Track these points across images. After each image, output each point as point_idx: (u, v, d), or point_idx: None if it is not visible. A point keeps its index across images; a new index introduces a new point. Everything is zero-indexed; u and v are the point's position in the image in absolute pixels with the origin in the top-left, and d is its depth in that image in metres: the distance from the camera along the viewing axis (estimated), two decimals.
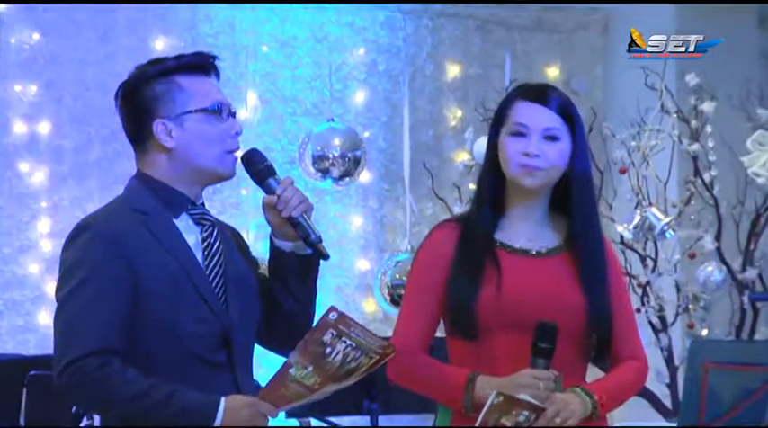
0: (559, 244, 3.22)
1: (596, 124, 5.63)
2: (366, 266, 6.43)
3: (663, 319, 5.62)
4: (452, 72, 6.64)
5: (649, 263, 5.64)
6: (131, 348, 2.80)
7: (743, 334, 5.64)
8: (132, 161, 2.99)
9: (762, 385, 2.91)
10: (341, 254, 6.29)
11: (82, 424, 4.53)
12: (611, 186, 5.71)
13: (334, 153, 5.87)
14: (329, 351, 2.72)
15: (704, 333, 5.60)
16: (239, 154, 2.98)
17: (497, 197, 3.21)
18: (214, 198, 5.95)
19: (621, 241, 5.58)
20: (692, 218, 5.64)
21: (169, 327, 2.83)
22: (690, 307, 5.63)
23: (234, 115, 2.99)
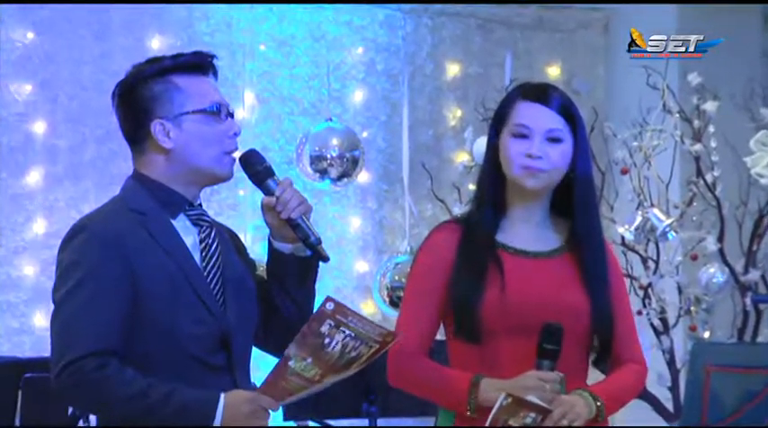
0: (560, 245, 3.22)
1: (598, 124, 5.62)
2: (365, 268, 6.41)
3: (664, 321, 5.61)
4: (452, 71, 6.63)
5: (651, 264, 5.62)
6: (129, 349, 2.79)
7: (745, 337, 5.64)
8: (128, 161, 2.99)
9: (764, 388, 2.91)
10: (339, 256, 6.27)
11: (78, 426, 4.52)
12: (612, 187, 5.70)
13: (332, 153, 5.83)
14: (328, 341, 2.70)
15: (706, 335, 5.59)
16: (237, 154, 2.97)
17: (498, 198, 3.20)
18: (211, 199, 5.93)
19: (623, 242, 5.57)
20: (695, 219, 5.64)
21: (167, 329, 2.82)
22: (692, 310, 5.63)
23: (232, 115, 2.99)
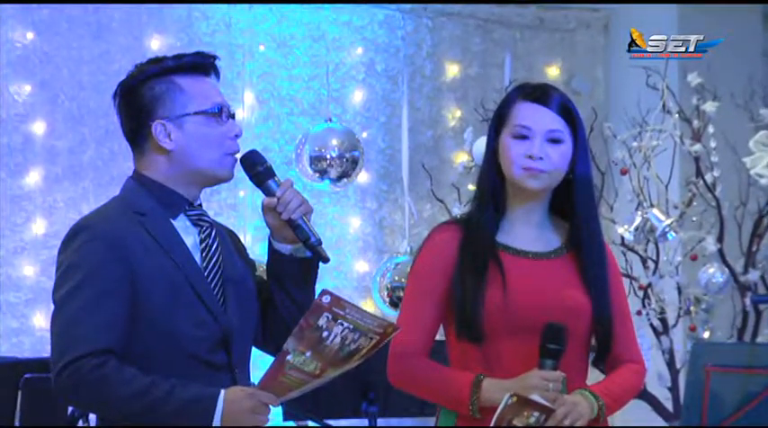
0: (560, 246, 3.23)
1: (597, 124, 5.60)
2: (365, 268, 6.40)
3: (664, 322, 5.60)
4: (452, 72, 6.61)
5: (650, 264, 5.61)
6: (129, 350, 2.79)
7: (745, 337, 5.63)
8: (128, 161, 2.99)
9: (764, 388, 2.91)
10: (339, 256, 6.26)
11: (78, 426, 4.51)
12: (612, 187, 5.69)
13: (331, 153, 5.82)
14: (326, 334, 2.68)
15: (706, 335, 5.58)
16: (238, 155, 2.96)
17: (498, 199, 3.20)
18: (211, 199, 5.92)
19: (622, 242, 5.57)
20: (694, 219, 5.63)
21: (167, 329, 2.82)
22: (691, 310, 5.62)
23: (233, 117, 2.98)
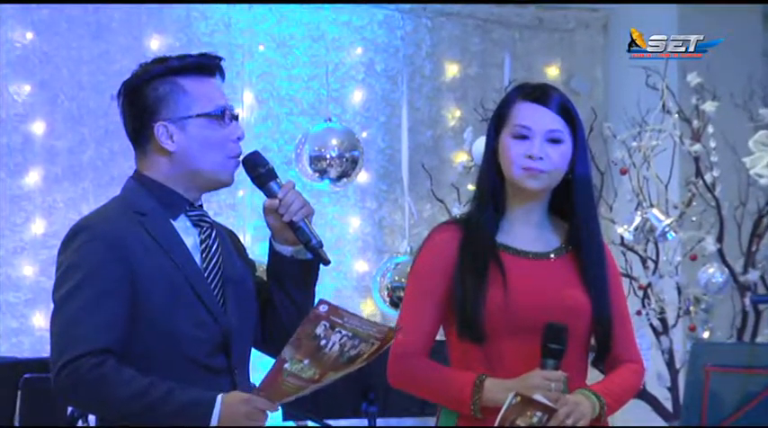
0: (560, 246, 3.23)
1: (597, 124, 5.60)
2: (364, 268, 6.40)
3: (664, 322, 5.60)
4: (451, 72, 6.61)
5: (650, 264, 5.61)
6: (129, 350, 2.79)
7: (745, 337, 5.63)
8: (128, 161, 2.99)
9: (764, 388, 2.90)
10: (339, 256, 6.26)
11: (78, 427, 4.51)
12: (611, 187, 5.68)
13: (331, 153, 5.82)
14: (324, 343, 2.67)
15: (706, 335, 5.58)
16: (241, 158, 2.96)
17: (497, 199, 3.20)
18: (211, 199, 5.91)
19: (622, 242, 5.56)
20: (694, 219, 5.63)
21: (167, 330, 2.82)
22: (691, 310, 5.62)
23: (236, 118, 2.97)
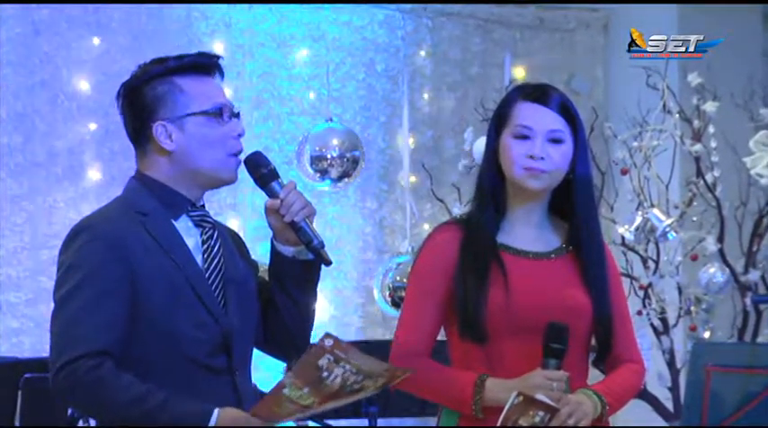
0: (560, 246, 3.23)
1: (597, 124, 5.60)
2: (365, 268, 6.39)
3: (664, 322, 5.60)
4: (452, 72, 6.61)
5: (651, 264, 5.61)
6: (129, 351, 2.78)
7: (745, 337, 5.63)
8: (128, 161, 2.98)
9: (764, 388, 2.90)
10: (339, 256, 6.26)
11: (78, 427, 4.51)
12: (612, 187, 5.68)
13: (332, 153, 5.82)
14: (326, 375, 2.68)
15: (706, 335, 5.58)
16: (242, 156, 2.96)
17: (498, 199, 3.20)
18: (211, 199, 5.89)
19: (623, 242, 5.56)
20: (695, 219, 5.62)
21: (167, 331, 2.81)
22: (692, 310, 5.61)
23: (237, 116, 2.98)
